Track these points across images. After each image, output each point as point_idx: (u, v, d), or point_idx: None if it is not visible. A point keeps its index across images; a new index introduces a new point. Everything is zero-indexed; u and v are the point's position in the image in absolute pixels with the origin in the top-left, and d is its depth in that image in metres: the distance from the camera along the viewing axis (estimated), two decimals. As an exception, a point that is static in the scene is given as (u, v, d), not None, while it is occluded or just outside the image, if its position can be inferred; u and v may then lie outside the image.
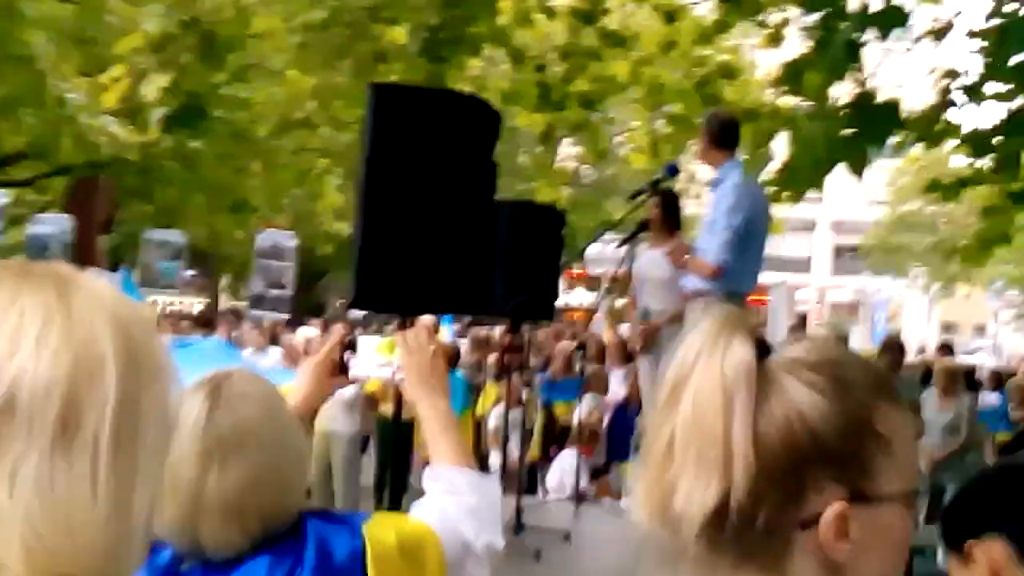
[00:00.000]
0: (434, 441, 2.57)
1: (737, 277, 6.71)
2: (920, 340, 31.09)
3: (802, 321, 36.22)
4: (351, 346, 2.89)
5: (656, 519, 1.28)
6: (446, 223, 4.37)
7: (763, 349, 1.28)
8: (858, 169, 3.95)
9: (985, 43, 5.43)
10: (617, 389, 11.33)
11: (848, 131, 3.90)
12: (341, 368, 2.86)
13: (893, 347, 11.23)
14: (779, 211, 6.76)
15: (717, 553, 1.25)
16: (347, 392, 9.91)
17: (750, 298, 7.40)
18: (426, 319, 9.94)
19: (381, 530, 2.23)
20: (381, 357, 2.63)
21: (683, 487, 1.24)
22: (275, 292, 13.18)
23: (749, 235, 6.65)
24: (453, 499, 2.41)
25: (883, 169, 33.35)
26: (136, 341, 1.09)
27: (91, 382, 1.04)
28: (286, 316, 13.74)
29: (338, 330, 6.89)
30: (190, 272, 21.56)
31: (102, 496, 1.03)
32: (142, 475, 1.08)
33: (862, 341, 27.60)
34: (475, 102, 4.92)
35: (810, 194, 5.82)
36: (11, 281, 1.08)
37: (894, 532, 1.27)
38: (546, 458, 11.52)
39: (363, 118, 4.41)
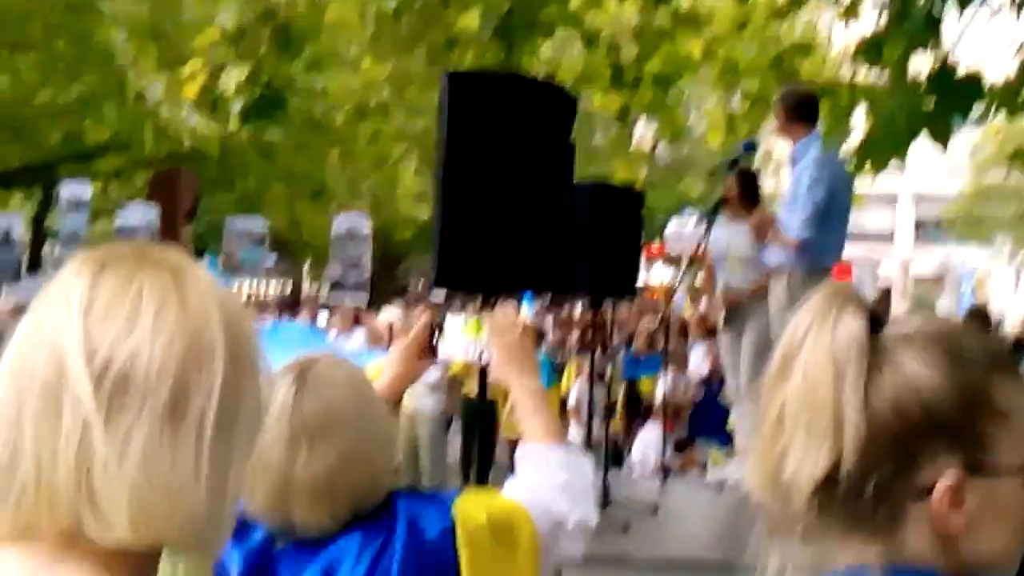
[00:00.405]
0: (526, 419, 2.58)
1: (820, 252, 6.68)
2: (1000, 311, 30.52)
3: (886, 295, 35.74)
4: (439, 328, 2.90)
5: (767, 489, 1.29)
6: (525, 204, 4.42)
7: (875, 323, 1.28)
8: (942, 141, 3.92)
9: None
10: (699, 364, 11.33)
11: (930, 104, 3.86)
12: (430, 350, 2.87)
13: (978, 317, 11.11)
14: (860, 185, 6.71)
15: (827, 521, 1.26)
16: (433, 373, 10.02)
17: (834, 273, 7.35)
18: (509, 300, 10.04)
19: (471, 508, 2.26)
20: (467, 337, 2.63)
21: (793, 456, 1.25)
22: (353, 275, 13.25)
23: (831, 209, 6.61)
24: (545, 476, 2.42)
25: (964, 141, 32.77)
26: (240, 332, 1.17)
27: (201, 368, 1.11)
28: (365, 298, 13.82)
29: (425, 313, 6.96)
30: (272, 258, 21.76)
31: (203, 473, 1.10)
32: (237, 457, 1.16)
33: (949, 313, 27.12)
34: (549, 87, 4.99)
35: (891, 167, 5.77)
36: (130, 263, 1.15)
37: (1013, 506, 1.25)
38: (629, 433, 11.56)
39: (439, 106, 4.46)
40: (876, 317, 1.29)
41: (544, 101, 4.65)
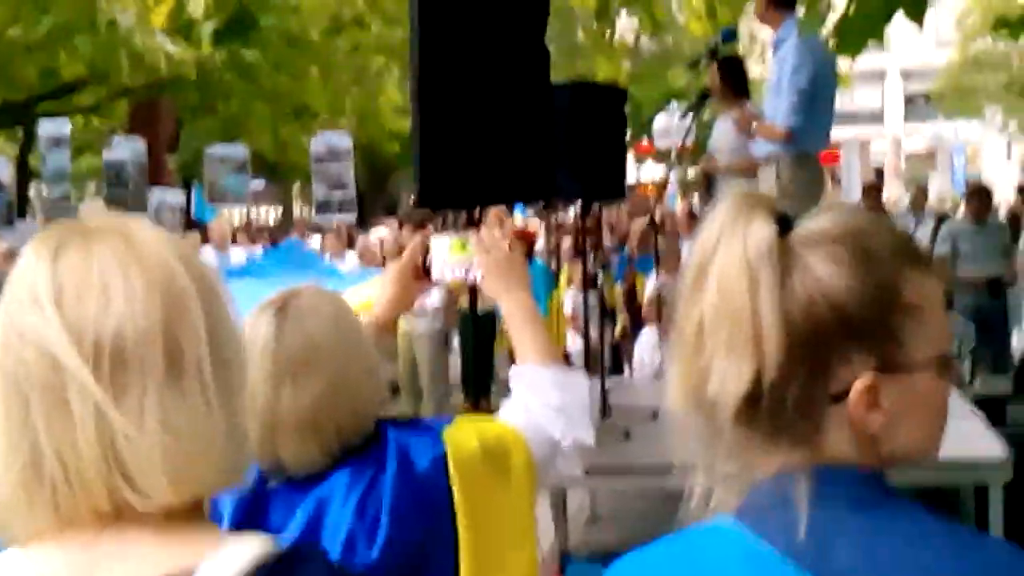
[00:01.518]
0: (518, 338, 2.56)
1: (807, 137, 6.60)
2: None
3: (879, 174, 35.70)
4: (427, 250, 2.85)
5: (691, 404, 1.28)
6: (504, 112, 4.35)
7: (784, 225, 1.26)
8: (917, 16, 3.81)
9: None
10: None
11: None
12: (423, 271, 2.84)
13: (980, 193, 11.01)
14: (846, 63, 6.58)
15: (752, 433, 1.25)
16: (434, 294, 9.98)
17: (822, 155, 7.28)
18: (496, 209, 9.96)
19: (463, 435, 2.25)
20: (454, 257, 2.57)
21: (716, 371, 1.24)
22: (339, 194, 13.21)
23: (816, 93, 6.52)
24: (538, 398, 2.41)
25: (950, 11, 32.44)
26: (201, 270, 1.19)
27: (182, 316, 1.14)
28: (353, 216, 13.78)
29: (416, 234, 6.88)
30: (257, 183, 21.70)
31: (216, 416, 1.14)
32: (237, 390, 1.19)
33: (942, 188, 27.08)
34: (520, -13, 4.85)
35: (876, 43, 5.66)
36: (80, 241, 1.16)
37: (929, 398, 1.26)
38: (632, 337, 11.54)
39: (409, 17, 4.36)
40: (785, 220, 1.27)
41: (516, 4, 4.54)
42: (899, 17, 3.96)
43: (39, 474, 1.09)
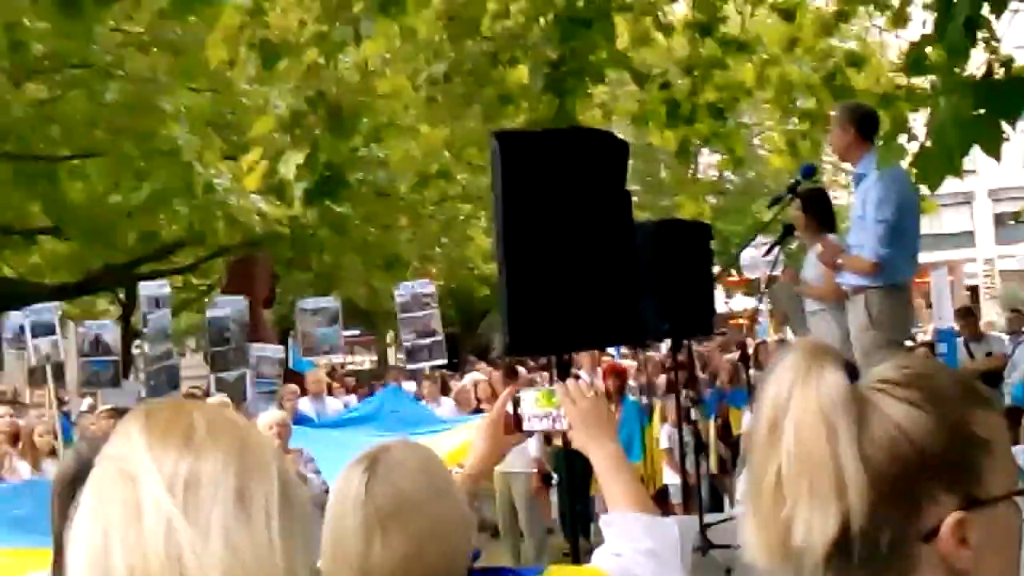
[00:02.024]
0: (607, 486, 2.57)
1: (897, 268, 6.58)
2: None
3: (973, 295, 35.17)
4: (518, 402, 2.86)
5: (776, 557, 1.30)
6: (588, 257, 4.41)
7: (852, 373, 1.29)
8: (994, 150, 3.82)
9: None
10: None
11: (976, 112, 3.78)
12: (515, 423, 2.85)
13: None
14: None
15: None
16: (532, 444, 9.98)
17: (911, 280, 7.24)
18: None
19: None
20: (540, 408, 2.61)
21: (800, 521, 1.26)
22: (426, 340, 13.39)
23: (902, 224, 6.51)
24: (630, 545, 2.42)
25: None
26: (273, 443, 1.32)
27: (256, 459, 1.25)
28: (443, 361, 13.94)
29: (507, 387, 6.94)
30: (349, 333, 21.98)
31: (277, 546, 1.20)
32: (301, 532, 1.26)
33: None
34: (598, 135, 4.98)
35: (964, 166, 5.67)
36: (173, 404, 1.31)
37: (1009, 530, 1.28)
38: (725, 472, 11.43)
39: (491, 167, 4.48)
40: (852, 367, 1.30)
41: (594, 150, 4.65)
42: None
43: None
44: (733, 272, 26.86)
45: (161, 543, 1.14)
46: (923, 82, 10.27)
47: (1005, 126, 3.95)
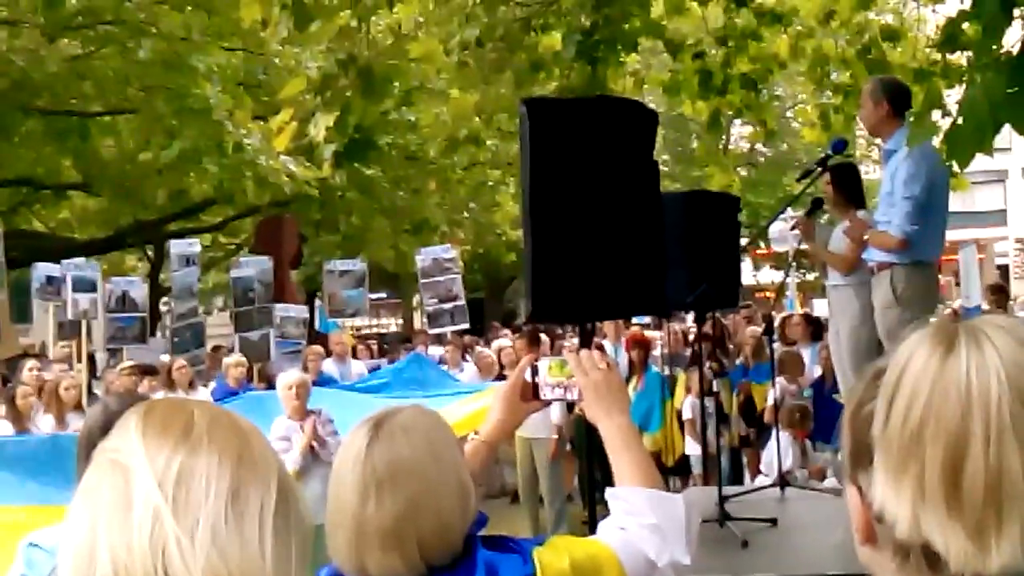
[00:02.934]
0: (616, 459, 2.58)
1: (923, 245, 6.54)
2: None
3: (1003, 274, 34.95)
4: (536, 370, 2.85)
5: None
6: (614, 227, 4.39)
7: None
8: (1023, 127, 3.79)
9: None
10: (810, 366, 11.16)
11: (1009, 88, 3.74)
12: (532, 392, 2.85)
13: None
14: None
15: None
16: (553, 408, 10.01)
17: (940, 258, 7.21)
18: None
19: (553, 555, 2.28)
20: (553, 378, 2.60)
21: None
22: (448, 305, 13.44)
23: (930, 201, 6.46)
24: (634, 519, 2.44)
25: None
26: (286, 474, 1.30)
27: (255, 465, 1.25)
28: (465, 325, 14.00)
29: (526, 355, 6.99)
30: (375, 296, 22.07)
31: (268, 550, 1.20)
32: (297, 541, 1.26)
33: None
34: (627, 104, 4.95)
35: (998, 143, 5.62)
36: (178, 401, 1.33)
37: None
38: (745, 444, 11.44)
39: (519, 134, 4.47)
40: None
41: (624, 119, 4.62)
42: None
43: (91, 567, 1.15)
44: (761, 245, 26.83)
45: (147, 536, 1.14)
46: (959, 58, 10.19)
47: (1038, 105, 3.92)
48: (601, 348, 7.64)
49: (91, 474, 1.22)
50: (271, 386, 10.21)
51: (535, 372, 2.84)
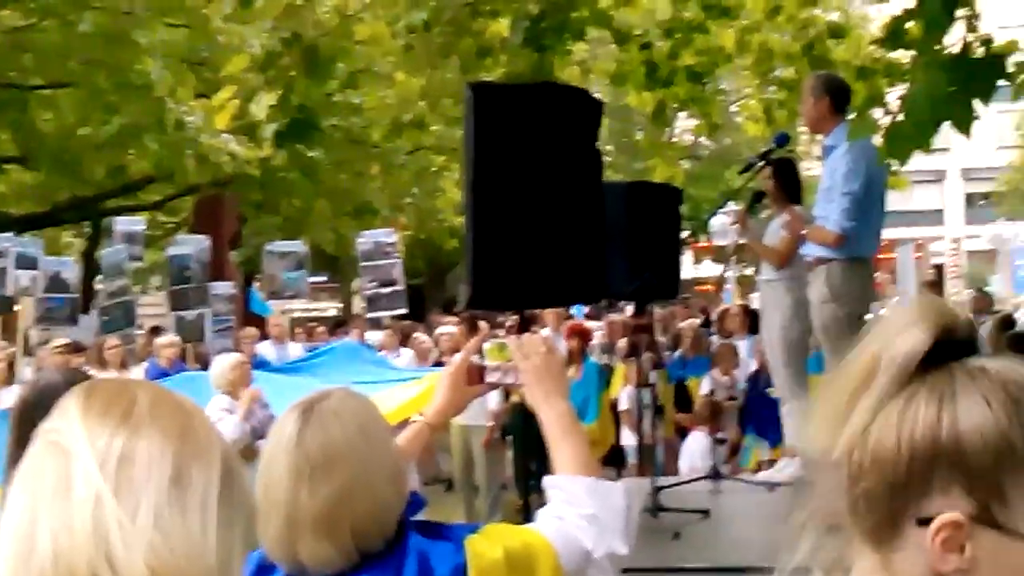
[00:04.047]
0: (555, 447, 2.56)
1: (860, 241, 6.61)
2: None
3: (938, 272, 35.39)
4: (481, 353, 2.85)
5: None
6: (555, 215, 4.40)
7: (960, 348, 1.26)
8: (964, 126, 3.82)
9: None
10: (747, 360, 11.22)
11: (950, 87, 3.78)
12: (478, 375, 2.85)
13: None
14: (907, 164, 6.64)
15: (856, 523, 1.26)
16: (493, 397, 9.99)
17: (876, 256, 7.29)
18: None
19: (487, 544, 2.26)
20: (492, 361, 2.58)
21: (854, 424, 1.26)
22: (387, 290, 13.40)
23: (868, 198, 6.53)
24: (572, 508, 2.42)
25: (1011, 112, 32.36)
26: (230, 453, 1.28)
27: (199, 446, 1.23)
28: (403, 311, 13.95)
29: (471, 338, 6.95)
30: (315, 279, 21.94)
31: (211, 532, 1.19)
32: (239, 520, 1.24)
33: (1002, 289, 26.83)
34: (573, 92, 4.96)
35: (938, 143, 5.68)
36: (118, 382, 1.31)
37: (1020, 571, 1.20)
38: (681, 436, 11.51)
39: (464, 118, 4.45)
40: (963, 344, 1.26)
41: (568, 107, 4.62)
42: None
43: (29, 559, 1.13)
44: (702, 238, 26.98)
45: (88, 518, 1.12)
46: (902, 57, 10.29)
47: (977, 105, 3.96)
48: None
49: (31, 456, 1.20)
50: (205, 367, 10.11)
51: (480, 355, 2.84)
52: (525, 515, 4.72)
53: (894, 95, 7.49)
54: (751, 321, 11.96)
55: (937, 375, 1.23)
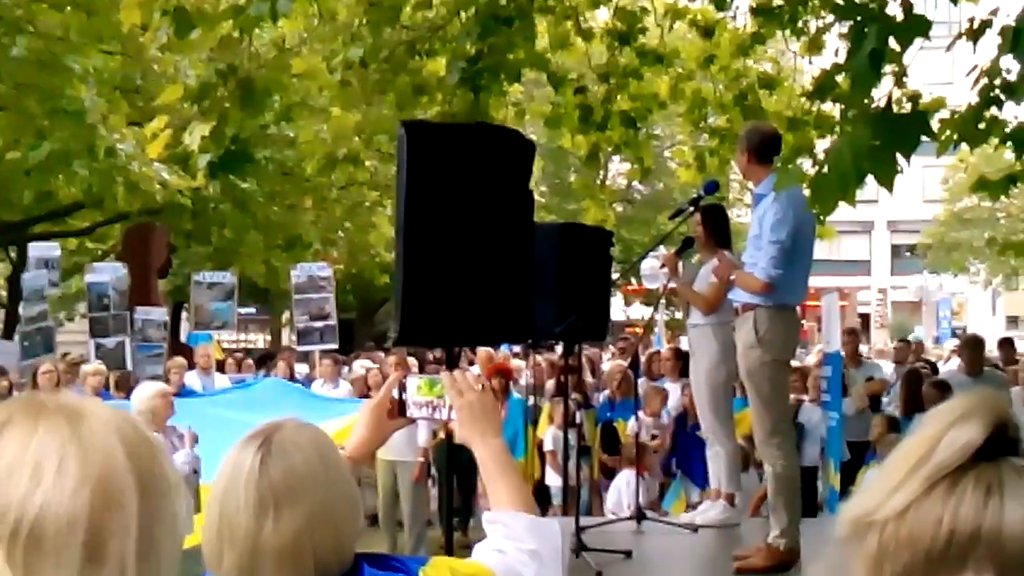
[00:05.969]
0: (491, 483, 2.57)
1: (787, 289, 6.68)
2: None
3: (864, 322, 35.92)
4: (404, 387, 2.85)
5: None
6: (486, 254, 4.42)
7: (1008, 445, 1.28)
8: (887, 180, 3.90)
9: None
10: (676, 403, 11.29)
11: (873, 142, 3.86)
12: (400, 410, 2.85)
13: (974, 344, 11.01)
14: (834, 214, 6.77)
15: None
16: (420, 430, 9.95)
17: (803, 304, 7.39)
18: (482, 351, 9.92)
19: (437, 575, 2.27)
20: (421, 397, 2.59)
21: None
22: (319, 324, 13.38)
23: (796, 247, 6.61)
24: (512, 543, 2.43)
25: (936, 167, 33.01)
26: (148, 463, 1.18)
27: (112, 508, 1.13)
28: (334, 345, 13.91)
29: (394, 372, 6.95)
30: (244, 311, 21.83)
31: None
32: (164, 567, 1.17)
33: (926, 339, 27.28)
34: (507, 132, 4.99)
35: (866, 195, 5.77)
36: (25, 420, 1.16)
37: None
38: (607, 478, 11.53)
39: (397, 156, 4.47)
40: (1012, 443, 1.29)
41: (502, 148, 4.65)
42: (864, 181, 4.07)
43: None
44: (633, 281, 27.18)
45: None
46: (832, 109, 10.47)
47: (901, 159, 4.04)
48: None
49: None
50: (128, 395, 9.99)
51: (403, 389, 2.83)
52: (448, 552, 4.71)
53: (823, 146, 7.62)
54: (683, 364, 12.06)
55: (985, 467, 1.25)
